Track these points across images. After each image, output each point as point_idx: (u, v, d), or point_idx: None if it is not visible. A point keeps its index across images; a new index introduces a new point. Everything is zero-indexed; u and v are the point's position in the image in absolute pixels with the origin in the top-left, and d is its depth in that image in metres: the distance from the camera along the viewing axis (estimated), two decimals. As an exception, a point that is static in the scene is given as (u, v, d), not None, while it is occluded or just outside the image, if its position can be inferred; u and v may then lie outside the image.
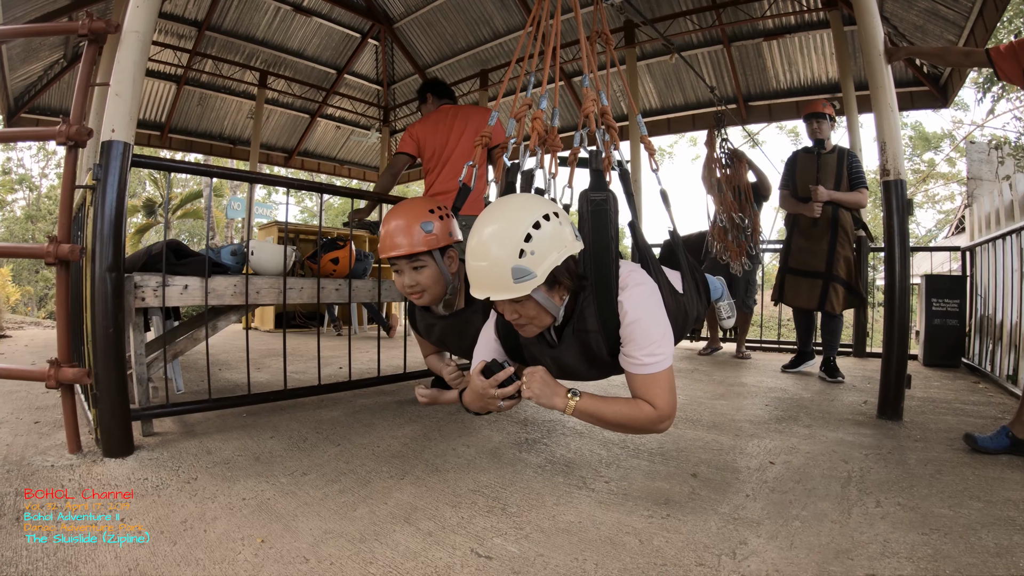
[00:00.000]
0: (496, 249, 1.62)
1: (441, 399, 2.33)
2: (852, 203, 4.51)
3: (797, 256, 4.69)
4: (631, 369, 1.80)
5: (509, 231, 1.62)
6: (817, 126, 4.68)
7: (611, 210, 1.88)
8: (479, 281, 1.69)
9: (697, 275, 2.38)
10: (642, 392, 1.79)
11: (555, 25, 2.49)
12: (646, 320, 1.77)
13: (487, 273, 1.64)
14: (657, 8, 7.68)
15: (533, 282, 1.62)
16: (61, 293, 2.55)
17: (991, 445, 2.59)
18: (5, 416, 3.09)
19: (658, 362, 1.76)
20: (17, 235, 24.75)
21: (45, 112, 8.73)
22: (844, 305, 4.56)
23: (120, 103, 2.46)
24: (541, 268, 1.62)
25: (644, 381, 1.78)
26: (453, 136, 3.90)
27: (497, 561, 1.63)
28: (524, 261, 1.60)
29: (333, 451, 2.63)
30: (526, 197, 1.82)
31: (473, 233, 1.70)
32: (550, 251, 1.63)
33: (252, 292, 3.14)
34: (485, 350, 2.05)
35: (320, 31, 9.86)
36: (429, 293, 2.22)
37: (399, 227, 2.14)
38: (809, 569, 1.59)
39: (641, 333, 1.75)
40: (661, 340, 1.77)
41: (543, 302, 1.70)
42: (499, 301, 1.70)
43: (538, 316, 1.74)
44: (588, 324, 1.81)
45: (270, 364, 5.15)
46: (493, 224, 1.67)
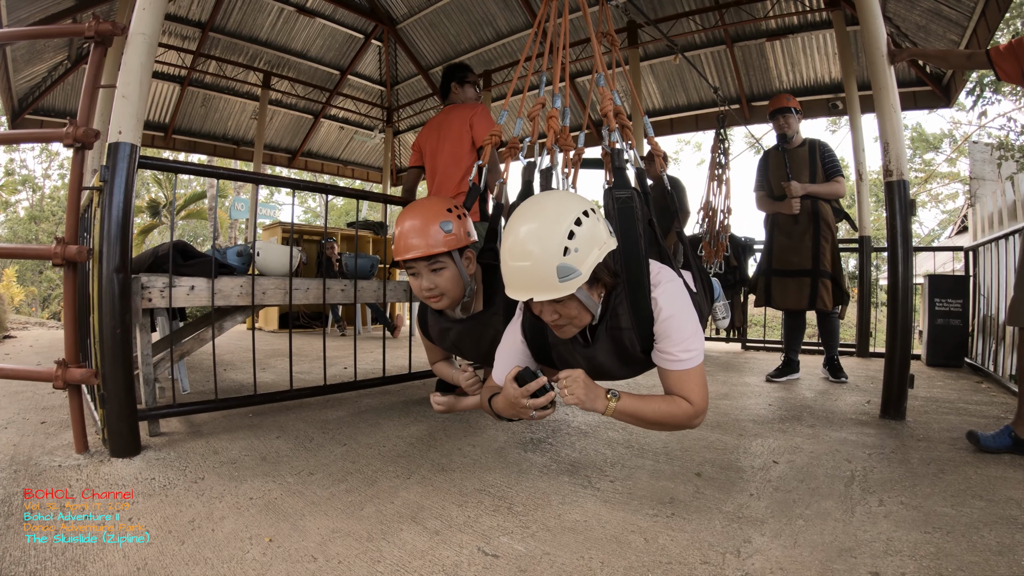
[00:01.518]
0: (538, 247, 1.57)
1: (458, 406, 2.25)
2: (829, 194, 4.38)
3: (780, 256, 4.53)
4: (666, 365, 1.79)
5: (550, 228, 1.58)
6: (784, 121, 4.52)
7: (637, 207, 1.87)
8: (520, 282, 1.64)
9: (703, 275, 2.40)
10: (677, 388, 1.78)
11: (563, 24, 2.50)
12: (680, 316, 1.76)
13: (530, 273, 1.60)
14: (660, 9, 7.70)
15: (578, 280, 1.59)
16: (69, 294, 2.56)
17: (993, 444, 2.60)
18: (12, 416, 3.11)
19: (692, 357, 1.76)
20: (21, 236, 24.83)
21: (49, 113, 8.77)
22: (834, 301, 4.39)
23: (127, 105, 2.47)
24: (585, 265, 1.59)
25: (680, 377, 1.78)
26: (440, 142, 3.83)
27: (504, 559, 1.65)
28: (569, 259, 1.56)
29: (339, 451, 2.64)
30: (561, 194, 1.77)
31: (508, 232, 1.66)
32: (592, 248, 1.61)
33: (258, 293, 3.16)
34: (511, 352, 2.01)
35: (323, 32, 9.90)
36: (448, 296, 2.10)
37: (414, 227, 2.02)
38: (813, 567, 1.60)
39: (676, 329, 1.75)
40: (694, 336, 1.77)
41: (585, 301, 1.67)
42: (541, 302, 1.67)
43: (579, 316, 1.71)
44: (622, 322, 1.79)
45: (275, 364, 5.17)
46: (532, 222, 1.63)
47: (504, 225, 1.87)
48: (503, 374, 1.99)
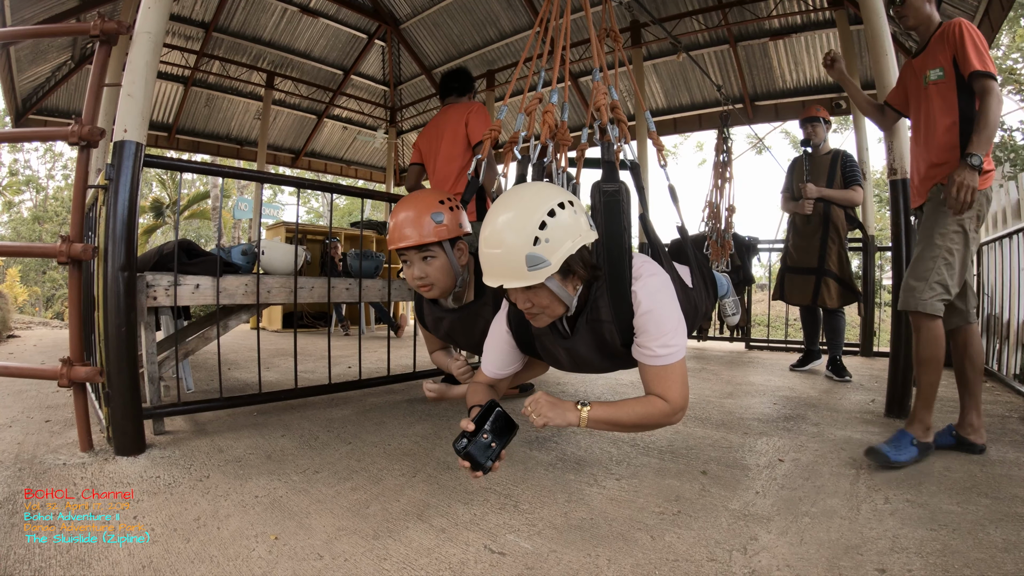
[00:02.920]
0: (510, 236, 1.60)
1: (449, 394, 2.30)
2: (842, 200, 4.63)
3: (793, 254, 4.88)
4: (644, 360, 1.79)
5: (523, 218, 1.60)
6: (811, 130, 4.84)
7: (623, 201, 1.87)
8: (493, 268, 1.66)
9: (704, 271, 2.39)
10: (655, 384, 1.78)
11: (565, 23, 2.50)
12: (659, 311, 1.75)
13: (501, 260, 1.62)
14: (663, 8, 7.69)
15: (547, 270, 1.60)
16: (73, 292, 2.57)
17: (904, 457, 2.43)
18: (16, 415, 3.12)
19: (671, 353, 1.74)
20: (24, 236, 24.89)
21: (53, 113, 8.78)
22: (839, 300, 4.65)
23: (132, 103, 2.48)
24: (555, 256, 1.60)
25: (657, 373, 1.77)
26: (438, 141, 3.86)
27: (510, 557, 1.65)
28: (538, 249, 1.58)
29: (344, 449, 2.65)
30: (541, 185, 1.79)
31: (487, 220, 1.69)
32: (564, 239, 1.61)
33: (263, 291, 3.16)
34: (498, 344, 2.04)
35: (327, 32, 9.91)
36: (439, 286, 2.18)
37: (408, 218, 2.11)
38: (819, 564, 1.60)
39: (654, 324, 1.74)
40: (674, 331, 1.76)
41: (557, 291, 1.67)
42: (512, 289, 1.68)
43: (551, 305, 1.72)
44: (601, 314, 1.80)
45: (279, 364, 5.18)
46: (508, 212, 1.65)
47: None
48: (491, 365, 2.07)
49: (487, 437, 1.65)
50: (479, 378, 2.11)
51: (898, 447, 2.44)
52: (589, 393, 3.87)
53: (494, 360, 2.05)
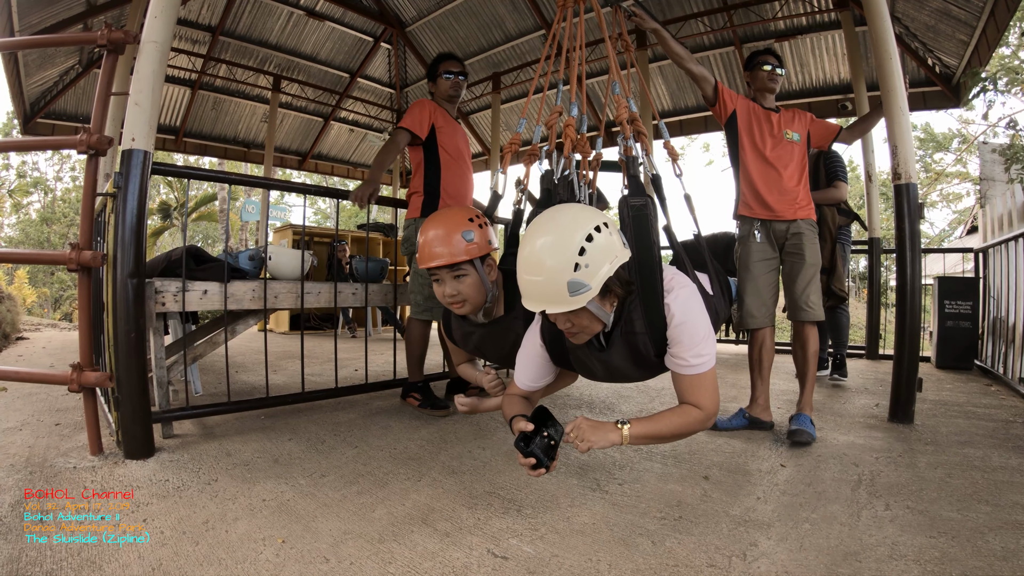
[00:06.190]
0: (551, 263, 1.61)
1: (481, 407, 2.29)
2: (823, 199, 4.42)
3: None
4: (678, 370, 1.84)
5: (562, 244, 1.62)
6: None
7: (651, 215, 1.92)
8: (533, 295, 1.68)
9: (721, 277, 2.42)
10: (689, 392, 1.83)
11: (579, 32, 2.53)
12: (692, 322, 1.80)
13: (542, 287, 1.64)
14: (668, 10, 7.70)
15: (588, 294, 1.62)
16: (83, 299, 2.60)
17: (726, 426, 3.08)
18: (26, 418, 3.15)
19: (704, 362, 1.80)
20: (32, 237, 25.06)
21: (61, 117, 8.86)
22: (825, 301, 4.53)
23: (139, 112, 2.51)
24: (595, 280, 1.62)
25: (691, 381, 1.82)
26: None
27: (513, 561, 1.67)
28: (579, 274, 1.60)
29: (351, 453, 2.67)
30: (576, 208, 1.80)
31: (524, 245, 1.70)
32: (603, 262, 1.63)
33: (270, 296, 3.20)
34: (531, 357, 2.06)
35: (333, 35, 9.96)
36: (470, 302, 2.17)
37: (438, 236, 2.10)
38: (818, 571, 1.61)
39: (687, 334, 1.79)
40: (705, 340, 1.81)
41: (596, 312, 1.69)
42: (554, 313, 1.70)
43: (591, 325, 1.74)
44: (636, 327, 1.83)
45: (286, 366, 5.20)
46: (545, 236, 1.66)
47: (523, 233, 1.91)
48: (524, 378, 2.09)
49: (548, 438, 1.75)
50: (512, 390, 2.13)
51: (732, 419, 3.12)
52: (594, 397, 3.89)
53: (528, 373, 2.08)
